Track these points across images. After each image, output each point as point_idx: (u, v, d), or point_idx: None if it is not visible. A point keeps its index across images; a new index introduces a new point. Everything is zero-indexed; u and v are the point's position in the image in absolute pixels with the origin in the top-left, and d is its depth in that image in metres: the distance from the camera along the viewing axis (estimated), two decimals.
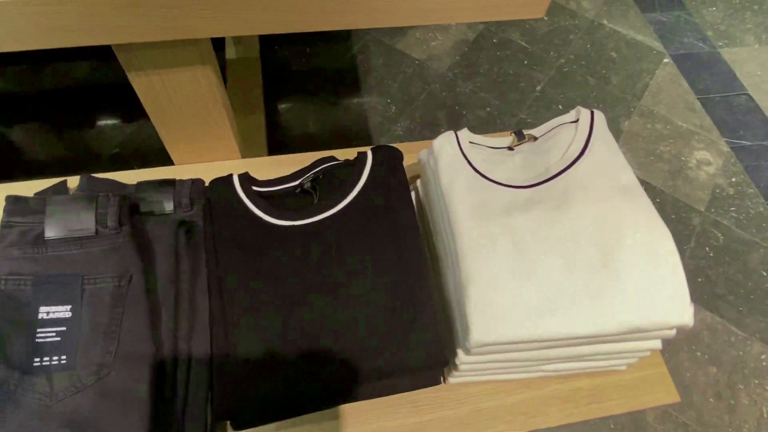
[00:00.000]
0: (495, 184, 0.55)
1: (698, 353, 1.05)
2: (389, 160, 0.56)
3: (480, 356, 0.50)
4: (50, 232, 0.52)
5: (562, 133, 0.57)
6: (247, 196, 0.53)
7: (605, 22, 1.58)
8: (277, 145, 1.22)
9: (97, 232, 0.52)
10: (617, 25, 1.57)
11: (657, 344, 0.51)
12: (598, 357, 0.52)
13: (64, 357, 0.48)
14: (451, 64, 1.44)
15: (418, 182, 0.63)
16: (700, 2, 1.66)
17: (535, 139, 0.59)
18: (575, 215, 0.50)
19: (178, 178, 0.58)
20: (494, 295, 0.47)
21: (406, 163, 0.59)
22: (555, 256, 0.49)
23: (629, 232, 0.49)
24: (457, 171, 0.56)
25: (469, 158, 0.57)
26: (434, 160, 0.58)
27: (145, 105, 0.59)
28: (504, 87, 1.41)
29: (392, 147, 0.57)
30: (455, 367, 0.51)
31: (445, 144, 0.58)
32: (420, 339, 0.48)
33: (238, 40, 1.30)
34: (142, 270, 0.52)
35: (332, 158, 0.56)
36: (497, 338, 0.46)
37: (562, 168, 0.54)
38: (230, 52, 1.28)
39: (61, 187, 0.60)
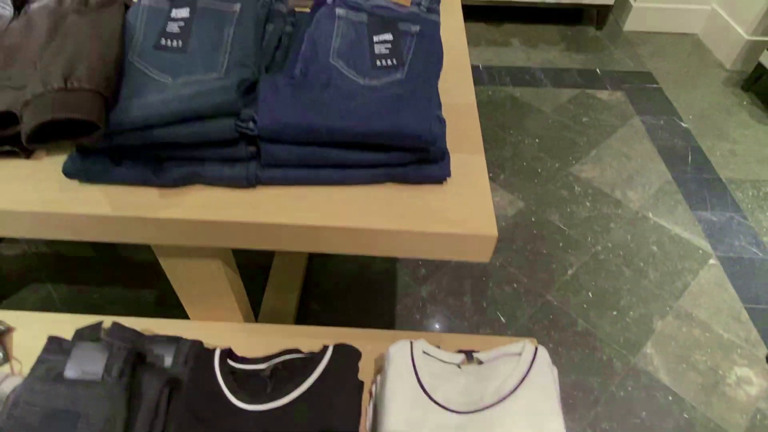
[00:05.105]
0: (433, 404, 0.60)
1: None
2: (346, 359, 0.64)
3: None
4: (69, 373, 0.65)
5: (503, 365, 0.62)
6: (221, 371, 0.63)
7: (650, 215, 1.61)
8: (307, 294, 1.35)
9: (102, 377, 0.64)
10: (662, 219, 1.60)
11: None
12: None
13: None
14: None
15: (379, 376, 0.70)
16: (757, 206, 1.65)
17: (481, 362, 0.64)
18: None
19: (186, 333, 0.71)
20: None
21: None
22: None
23: None
24: (403, 383, 0.62)
25: (418, 371, 0.63)
26: (387, 365, 0.65)
27: (170, 278, 0.75)
28: (535, 266, 1.46)
29: (351, 347, 0.65)
30: None
31: (399, 352, 0.65)
32: None
33: None
34: (124, 419, 0.62)
35: (296, 350, 0.65)
36: None
37: (493, 402, 0.58)
38: None
39: (96, 328, 0.75)
